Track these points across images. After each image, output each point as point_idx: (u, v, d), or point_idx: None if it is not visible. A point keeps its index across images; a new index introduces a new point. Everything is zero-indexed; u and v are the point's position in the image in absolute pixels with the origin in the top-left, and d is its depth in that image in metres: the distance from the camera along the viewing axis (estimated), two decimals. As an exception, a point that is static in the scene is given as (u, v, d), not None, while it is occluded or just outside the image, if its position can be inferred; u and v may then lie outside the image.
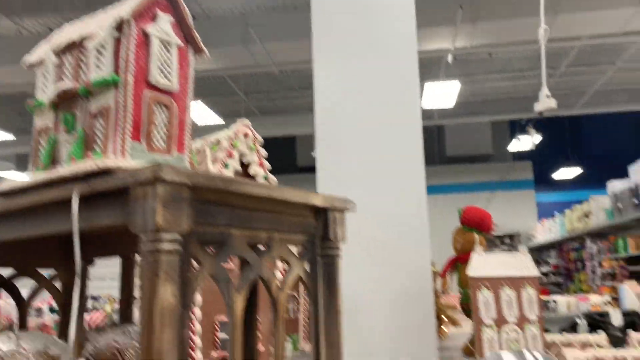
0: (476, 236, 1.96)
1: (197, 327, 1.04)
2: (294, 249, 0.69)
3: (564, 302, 5.67)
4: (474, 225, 2.01)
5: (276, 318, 0.64)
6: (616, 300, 5.89)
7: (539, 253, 12.09)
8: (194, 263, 0.55)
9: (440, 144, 12.81)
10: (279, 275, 1.31)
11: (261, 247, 0.65)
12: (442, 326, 2.50)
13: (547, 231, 11.40)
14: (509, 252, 1.66)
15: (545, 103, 2.03)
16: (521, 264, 1.63)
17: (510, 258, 1.64)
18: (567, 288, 10.17)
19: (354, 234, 1.87)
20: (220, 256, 0.57)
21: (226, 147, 1.09)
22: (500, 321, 1.53)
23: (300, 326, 2.16)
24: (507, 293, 1.58)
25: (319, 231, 0.71)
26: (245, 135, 1.12)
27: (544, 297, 6.16)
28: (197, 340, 1.04)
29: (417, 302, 1.82)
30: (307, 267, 0.70)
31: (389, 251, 1.87)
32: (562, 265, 11.06)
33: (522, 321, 1.56)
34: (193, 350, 1.04)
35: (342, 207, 0.73)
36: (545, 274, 11.58)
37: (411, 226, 1.89)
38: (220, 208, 0.57)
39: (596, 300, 5.72)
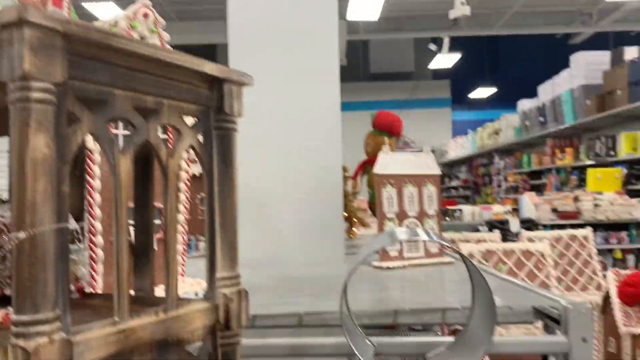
0: (386, 139, 2.02)
1: (97, 211, 1.02)
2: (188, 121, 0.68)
3: (468, 211, 6.10)
4: (385, 129, 2.07)
5: (166, 187, 0.64)
6: (516, 211, 6.39)
7: (450, 168, 12.75)
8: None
9: (364, 61, 12.82)
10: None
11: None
12: (352, 228, 2.62)
13: (459, 147, 11.98)
14: (414, 153, 1.73)
15: (460, 10, 2.05)
16: (424, 163, 1.71)
17: (414, 157, 1.71)
18: (474, 200, 10.90)
19: (266, 132, 1.88)
20: (102, 114, 0.55)
21: (124, 28, 1.03)
22: (401, 215, 1.62)
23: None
24: (409, 190, 1.66)
25: (213, 103, 0.69)
26: (146, 16, 1.06)
27: (451, 207, 6.58)
28: (98, 224, 1.02)
29: (327, 202, 1.88)
30: (200, 139, 0.69)
31: (302, 152, 1.90)
32: (471, 180, 11.77)
33: (422, 215, 1.66)
34: (94, 235, 1.03)
35: (239, 80, 0.72)
36: (454, 188, 12.29)
37: (323, 129, 1.92)
38: (101, 64, 0.54)
39: (498, 210, 6.19)
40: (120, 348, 0.55)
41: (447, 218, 5.89)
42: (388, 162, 1.65)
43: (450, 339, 0.95)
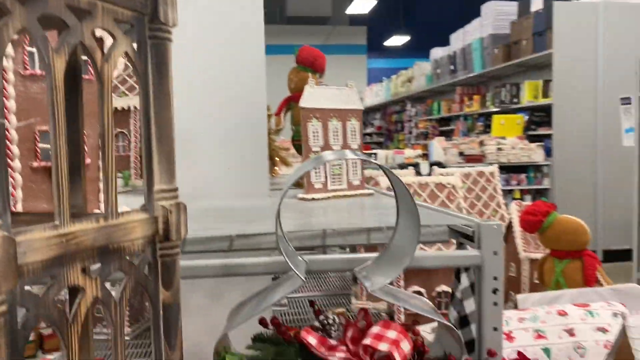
0: (310, 75, 2.02)
1: (13, 134, 0.96)
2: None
3: (382, 155, 6.29)
4: (308, 65, 2.06)
5: (101, 92, 0.62)
6: (426, 156, 6.68)
7: (365, 115, 12.99)
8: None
9: (281, 3, 12.53)
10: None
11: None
12: (275, 166, 2.64)
13: (374, 95, 12.21)
14: (338, 87, 1.76)
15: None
16: (348, 98, 1.74)
17: (338, 92, 1.73)
18: (387, 147, 11.25)
19: (187, 66, 1.82)
20: (33, 9, 0.52)
21: None
22: (326, 149, 1.66)
23: (132, 163, 2.12)
24: (334, 124, 1.69)
25: (147, 10, 0.67)
26: None
27: (366, 152, 6.75)
28: (15, 148, 0.97)
29: (251, 136, 1.88)
30: (135, 47, 0.67)
31: (225, 87, 1.87)
32: (385, 127, 12.09)
33: (345, 149, 1.70)
34: (11, 160, 0.98)
35: (173, -12, 0.69)
36: (369, 134, 12.58)
37: (247, 63, 1.89)
38: (30, -46, 0.51)
39: (410, 154, 6.44)
40: (62, 252, 0.55)
41: (362, 162, 6.04)
42: (314, 96, 1.67)
43: (376, 254, 1.01)
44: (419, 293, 1.87)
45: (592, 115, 5.40)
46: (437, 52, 9.07)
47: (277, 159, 2.66)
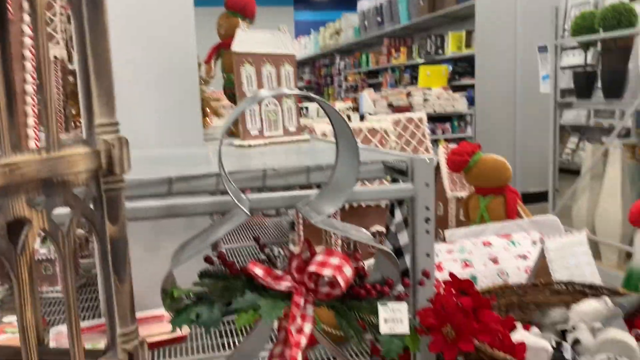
0: (240, 21, 1.99)
1: None
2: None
3: (314, 108, 6.30)
4: (238, 10, 2.02)
5: (35, 20, 0.60)
6: (357, 109, 6.76)
7: (295, 69, 12.89)
8: None
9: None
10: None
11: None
12: (206, 117, 2.60)
13: (302, 48, 12.08)
14: (270, 31, 1.74)
15: None
16: (280, 42, 1.73)
17: (271, 36, 1.72)
18: (317, 100, 11.22)
19: (116, 18, 1.74)
20: None
21: None
22: (260, 94, 1.65)
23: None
24: (267, 69, 1.68)
25: None
26: None
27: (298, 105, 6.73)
28: None
29: (182, 85, 1.84)
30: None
31: (154, 37, 1.81)
32: (314, 81, 12.06)
33: (280, 95, 1.70)
34: None
35: None
36: (299, 89, 12.54)
37: (175, 9, 1.83)
38: None
39: (341, 106, 6.47)
40: (6, 182, 0.54)
41: (293, 115, 6.04)
42: (246, 40, 1.64)
43: (317, 191, 1.05)
44: (355, 234, 1.94)
45: (511, 64, 5.63)
46: (364, 4, 9.06)
47: (207, 109, 2.62)
